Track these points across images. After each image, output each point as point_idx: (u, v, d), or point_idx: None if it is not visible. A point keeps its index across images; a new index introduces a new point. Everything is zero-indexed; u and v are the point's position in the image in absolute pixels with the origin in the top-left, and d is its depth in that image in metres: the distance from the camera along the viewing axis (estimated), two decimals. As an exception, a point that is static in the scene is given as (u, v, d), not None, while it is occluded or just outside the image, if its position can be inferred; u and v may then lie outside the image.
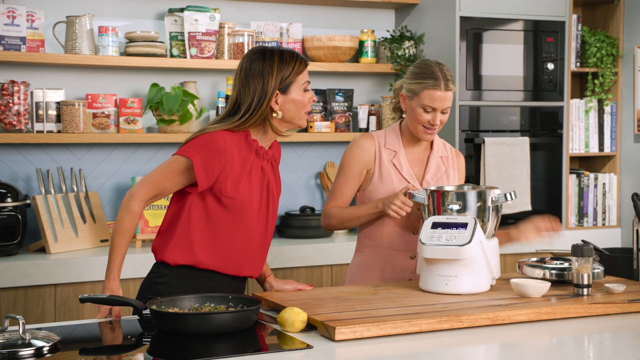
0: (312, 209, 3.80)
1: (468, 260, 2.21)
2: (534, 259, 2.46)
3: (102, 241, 3.42)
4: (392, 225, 2.51)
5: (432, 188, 2.36)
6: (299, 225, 3.67)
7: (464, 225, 2.23)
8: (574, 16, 4.06)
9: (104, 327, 2.02)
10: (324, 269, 3.52)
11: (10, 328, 1.83)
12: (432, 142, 2.59)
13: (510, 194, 2.28)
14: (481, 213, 2.29)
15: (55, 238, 3.26)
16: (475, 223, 2.23)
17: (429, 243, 2.23)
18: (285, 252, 3.45)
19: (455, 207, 2.27)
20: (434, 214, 2.31)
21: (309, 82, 2.29)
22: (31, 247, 3.34)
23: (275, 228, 3.81)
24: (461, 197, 2.29)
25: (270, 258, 3.39)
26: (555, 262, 2.39)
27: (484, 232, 2.28)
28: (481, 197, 2.28)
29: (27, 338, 1.74)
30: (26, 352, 1.71)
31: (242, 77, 2.25)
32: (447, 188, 2.42)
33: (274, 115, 2.24)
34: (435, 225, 2.26)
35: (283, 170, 3.80)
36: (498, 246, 2.32)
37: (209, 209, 2.20)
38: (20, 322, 1.74)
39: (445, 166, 2.57)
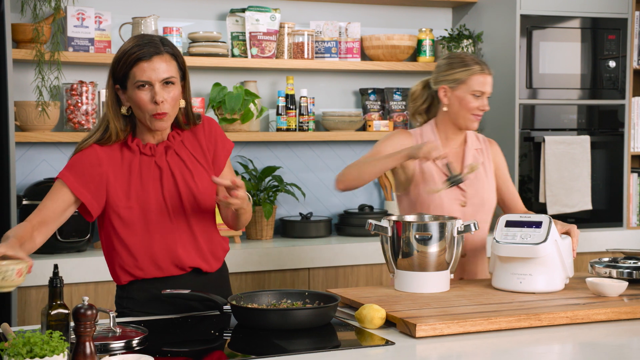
0: (371, 207, 3.81)
1: (543, 259, 2.20)
2: (606, 258, 2.44)
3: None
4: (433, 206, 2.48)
5: (409, 218, 2.34)
6: (358, 223, 3.69)
7: (538, 224, 2.23)
8: (637, 13, 4.01)
9: (187, 322, 2.06)
10: (383, 267, 3.53)
11: (100, 321, 1.88)
12: (465, 137, 2.59)
13: (475, 223, 2.24)
14: (450, 243, 2.24)
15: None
16: (550, 222, 2.23)
17: (503, 241, 2.23)
18: (347, 250, 3.47)
19: (426, 237, 2.21)
20: (397, 245, 2.25)
21: (143, 83, 1.98)
22: (100, 244, 3.41)
23: (326, 225, 3.81)
24: (429, 228, 2.22)
25: (331, 256, 3.41)
26: (629, 261, 2.38)
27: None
28: (446, 228, 2.22)
29: (118, 331, 1.79)
30: (117, 344, 1.76)
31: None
32: (410, 218, 2.36)
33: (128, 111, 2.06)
34: (509, 224, 2.27)
35: (339, 168, 3.80)
36: (572, 245, 2.31)
37: (116, 226, 2.08)
38: (111, 315, 1.80)
39: (482, 158, 2.59)
